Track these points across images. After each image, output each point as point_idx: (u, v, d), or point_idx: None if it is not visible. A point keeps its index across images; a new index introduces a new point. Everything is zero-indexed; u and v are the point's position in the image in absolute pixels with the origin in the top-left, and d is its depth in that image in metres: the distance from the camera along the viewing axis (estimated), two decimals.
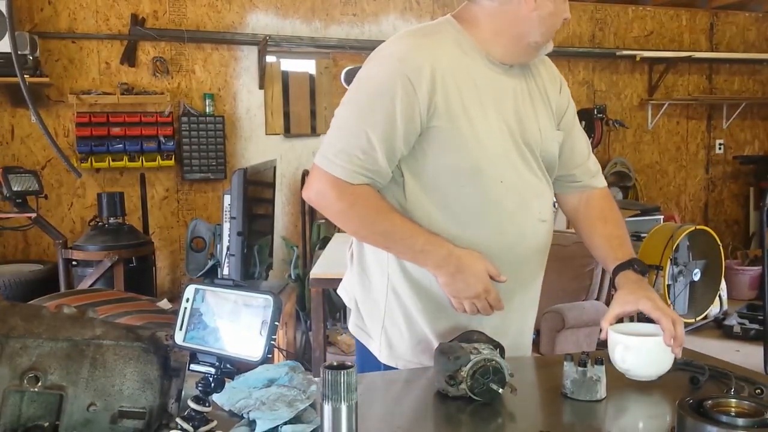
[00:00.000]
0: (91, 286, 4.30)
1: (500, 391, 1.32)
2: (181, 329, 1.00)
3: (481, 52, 1.56)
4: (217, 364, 0.99)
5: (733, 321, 5.17)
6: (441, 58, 1.50)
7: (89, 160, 5.08)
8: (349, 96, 1.53)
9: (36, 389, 0.95)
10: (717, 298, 5.35)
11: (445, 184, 1.53)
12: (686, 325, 5.24)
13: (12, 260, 5.08)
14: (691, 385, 1.42)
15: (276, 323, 0.96)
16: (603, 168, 6.48)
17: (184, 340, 1.00)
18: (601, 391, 1.36)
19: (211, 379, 1.00)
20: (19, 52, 3.84)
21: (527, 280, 1.65)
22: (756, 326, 4.98)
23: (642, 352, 1.42)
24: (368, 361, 1.66)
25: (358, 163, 1.46)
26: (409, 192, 1.54)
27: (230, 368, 1.00)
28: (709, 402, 1.02)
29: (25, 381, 0.94)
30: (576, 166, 1.73)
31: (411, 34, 1.58)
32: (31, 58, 4.72)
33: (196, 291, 1.01)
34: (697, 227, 5.22)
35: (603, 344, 1.54)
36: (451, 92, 1.49)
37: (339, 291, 1.84)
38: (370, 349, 1.67)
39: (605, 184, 1.79)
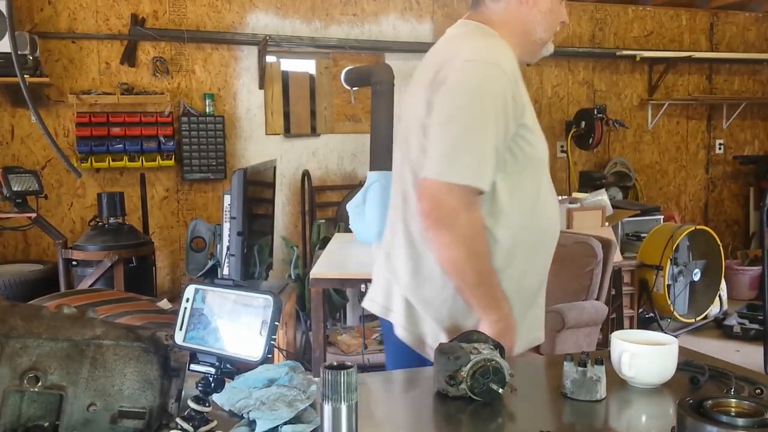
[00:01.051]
0: (91, 286, 4.30)
1: (500, 391, 1.32)
2: (181, 329, 1.00)
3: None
4: (217, 364, 0.99)
5: (733, 321, 5.17)
6: (512, 60, 1.57)
7: (89, 160, 5.07)
8: (458, 106, 1.52)
9: (36, 389, 0.95)
10: (717, 298, 5.35)
11: (523, 177, 1.61)
12: (686, 324, 5.24)
13: (12, 260, 5.08)
14: (691, 385, 1.42)
15: (276, 323, 0.96)
16: (603, 168, 6.50)
17: (184, 340, 1.00)
18: (601, 391, 1.36)
19: (211, 379, 1.00)
20: (19, 52, 3.84)
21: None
22: (756, 326, 4.97)
23: (648, 360, 1.41)
24: (411, 363, 1.67)
25: (489, 173, 1.52)
26: (498, 190, 1.58)
27: (230, 368, 1.00)
28: (709, 402, 1.02)
29: (25, 381, 0.94)
30: None
31: (480, 35, 1.61)
32: (31, 58, 4.71)
33: (196, 291, 1.01)
34: (697, 227, 5.23)
35: (603, 344, 1.55)
36: (523, 91, 1.58)
37: (366, 304, 1.83)
38: (425, 356, 1.66)
39: None
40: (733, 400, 1.03)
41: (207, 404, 1.00)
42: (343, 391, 1.06)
